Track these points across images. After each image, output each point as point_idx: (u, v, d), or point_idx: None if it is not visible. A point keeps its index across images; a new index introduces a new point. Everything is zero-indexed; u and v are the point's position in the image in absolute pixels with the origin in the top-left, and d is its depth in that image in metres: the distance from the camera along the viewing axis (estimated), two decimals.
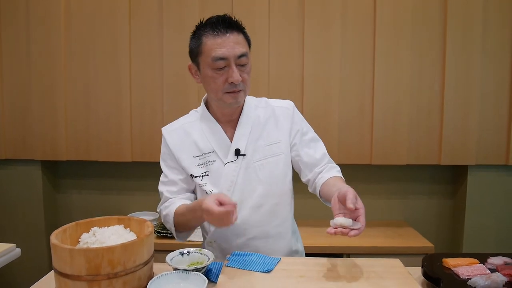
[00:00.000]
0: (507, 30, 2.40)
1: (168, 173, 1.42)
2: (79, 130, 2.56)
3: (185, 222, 1.33)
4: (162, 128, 1.45)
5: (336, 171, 1.43)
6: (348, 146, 2.48)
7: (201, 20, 1.32)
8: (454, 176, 2.71)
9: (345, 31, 2.44)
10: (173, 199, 1.39)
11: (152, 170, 2.73)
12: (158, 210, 1.45)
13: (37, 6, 2.49)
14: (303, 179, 1.47)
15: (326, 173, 1.41)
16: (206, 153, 1.38)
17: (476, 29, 2.39)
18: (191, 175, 1.38)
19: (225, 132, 1.39)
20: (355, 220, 1.08)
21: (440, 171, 2.70)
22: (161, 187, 1.43)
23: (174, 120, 1.49)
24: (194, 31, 1.33)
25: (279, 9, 2.44)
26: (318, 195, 1.42)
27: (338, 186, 1.27)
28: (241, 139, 1.37)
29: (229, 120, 1.40)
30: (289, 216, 1.46)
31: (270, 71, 2.46)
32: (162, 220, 1.43)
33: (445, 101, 2.44)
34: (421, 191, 2.73)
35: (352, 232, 1.05)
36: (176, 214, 1.33)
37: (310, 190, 1.47)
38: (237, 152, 1.36)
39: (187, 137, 1.40)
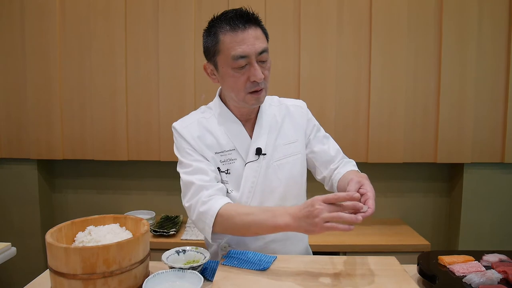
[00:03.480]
0: (502, 28, 2.41)
1: (194, 164, 1.25)
2: (75, 129, 2.55)
3: (239, 224, 1.15)
4: (175, 124, 1.32)
5: (351, 165, 1.40)
6: (344, 144, 2.45)
7: (215, 16, 1.24)
8: (450, 174, 2.72)
9: (341, 31, 2.44)
10: (209, 191, 1.21)
11: (148, 169, 2.75)
12: (186, 205, 1.25)
13: (32, 4, 2.47)
14: (318, 177, 1.44)
15: (341, 169, 1.38)
16: (227, 150, 1.30)
17: (471, 28, 2.40)
18: (218, 168, 1.30)
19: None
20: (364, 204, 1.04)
21: (436, 169, 2.71)
22: (188, 177, 1.24)
23: (170, 118, 1.45)
24: (208, 28, 1.24)
25: (275, 9, 2.43)
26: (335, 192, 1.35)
27: (353, 178, 1.20)
28: (261, 137, 1.32)
29: (246, 119, 1.34)
30: None
31: None
32: (193, 217, 1.22)
33: (440, 99, 2.44)
34: (417, 189, 2.73)
35: (359, 216, 0.99)
36: (225, 213, 1.16)
37: (326, 188, 1.44)
38: (258, 152, 1.30)
39: (206, 131, 1.31)
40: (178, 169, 1.31)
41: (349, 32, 2.44)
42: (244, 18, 1.19)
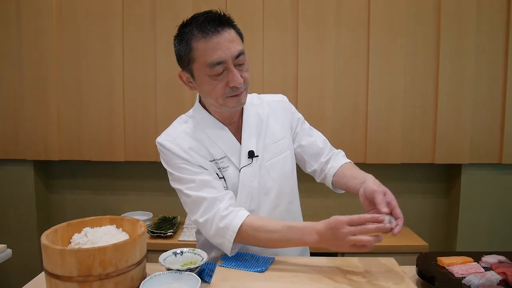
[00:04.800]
0: (501, 29, 2.41)
1: (197, 178, 1.20)
2: (72, 129, 2.54)
3: (265, 240, 1.15)
4: (160, 140, 1.26)
5: (342, 156, 1.41)
6: (343, 145, 2.44)
7: (184, 21, 1.17)
8: (448, 175, 2.71)
9: (339, 31, 2.44)
10: (223, 204, 1.17)
11: (146, 170, 2.74)
12: (201, 220, 1.18)
13: (29, 4, 2.46)
14: (308, 170, 1.43)
15: (334, 162, 1.38)
16: (219, 159, 1.26)
17: (470, 28, 2.40)
18: (217, 174, 1.26)
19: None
20: (390, 214, 1.08)
21: (434, 170, 2.71)
22: (195, 193, 1.19)
23: (168, 119, 1.40)
24: (178, 34, 1.18)
25: (273, 9, 2.43)
26: (329, 185, 1.39)
27: (357, 177, 1.25)
28: (250, 140, 1.28)
29: (230, 122, 1.29)
30: (300, 211, 1.43)
31: (264, 71, 2.46)
32: (211, 232, 1.17)
33: (439, 100, 2.44)
34: (415, 190, 2.73)
35: (396, 229, 1.05)
36: (249, 229, 1.15)
37: (318, 180, 1.44)
38: (251, 155, 1.26)
39: (196, 141, 1.25)
40: (176, 185, 1.24)
41: (347, 32, 2.44)
42: (215, 22, 1.12)
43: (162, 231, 2.36)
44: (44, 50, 2.49)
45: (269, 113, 1.37)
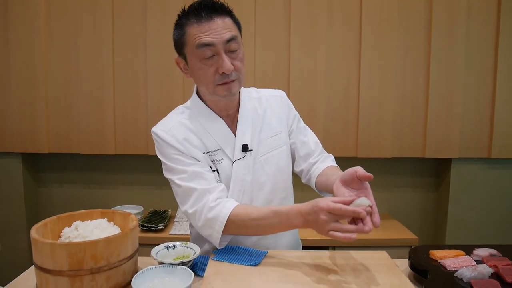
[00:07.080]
0: (491, 25, 2.43)
1: (189, 169, 1.19)
2: (61, 122, 2.50)
3: (254, 228, 1.14)
4: (155, 130, 1.24)
5: (330, 161, 1.40)
6: (334, 139, 2.48)
7: (183, 8, 1.19)
8: (437, 169, 2.74)
9: (331, 26, 2.43)
10: (213, 195, 1.17)
11: (136, 163, 2.72)
12: (190, 211, 1.18)
13: None
14: (296, 169, 1.42)
15: (321, 164, 1.37)
16: (213, 151, 1.25)
17: (460, 25, 2.41)
18: (210, 167, 1.25)
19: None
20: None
21: (424, 164, 2.73)
22: (186, 183, 1.19)
23: (158, 111, 1.40)
24: (176, 21, 1.21)
25: (265, 3, 2.41)
26: (313, 186, 1.38)
27: (337, 174, 1.22)
28: (245, 133, 1.27)
29: (226, 114, 1.28)
30: None
31: (256, 65, 2.44)
32: (200, 223, 1.17)
33: (429, 95, 2.46)
34: (405, 183, 2.75)
35: (375, 218, 1.05)
36: (236, 219, 1.14)
37: (303, 181, 1.43)
38: (245, 148, 1.26)
39: (191, 133, 1.24)
40: (169, 175, 1.24)
41: (339, 28, 2.44)
42: (209, 8, 1.14)
43: (153, 225, 2.34)
44: (33, 42, 2.44)
45: (267, 107, 1.36)
